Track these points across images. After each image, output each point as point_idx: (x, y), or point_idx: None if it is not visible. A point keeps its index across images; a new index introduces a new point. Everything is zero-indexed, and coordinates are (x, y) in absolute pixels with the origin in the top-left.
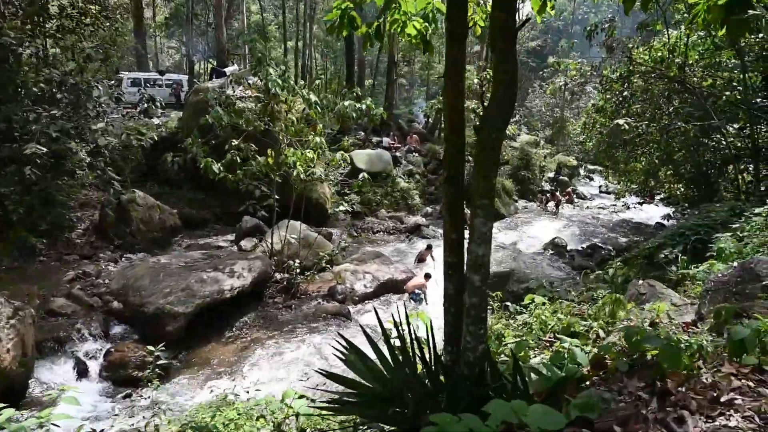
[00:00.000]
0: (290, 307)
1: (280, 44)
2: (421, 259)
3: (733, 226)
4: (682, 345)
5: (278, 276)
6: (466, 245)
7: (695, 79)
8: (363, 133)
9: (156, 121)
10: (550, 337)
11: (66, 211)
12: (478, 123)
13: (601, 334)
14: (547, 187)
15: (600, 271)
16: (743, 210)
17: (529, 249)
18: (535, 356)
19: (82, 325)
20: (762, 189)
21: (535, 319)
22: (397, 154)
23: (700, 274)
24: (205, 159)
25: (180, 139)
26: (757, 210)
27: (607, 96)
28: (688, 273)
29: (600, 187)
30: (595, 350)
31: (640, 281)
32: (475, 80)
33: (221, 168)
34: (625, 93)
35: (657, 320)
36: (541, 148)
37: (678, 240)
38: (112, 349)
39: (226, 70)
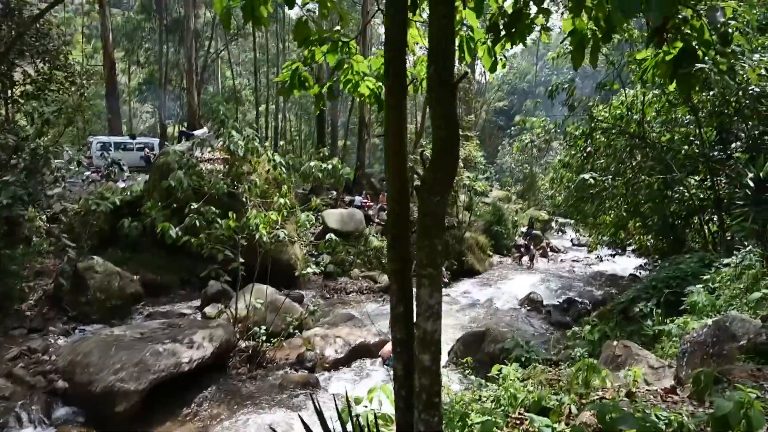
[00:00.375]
0: (255, 378)
1: (254, 107)
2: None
3: (704, 277)
4: (661, 423)
5: (243, 344)
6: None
7: (654, 134)
8: (335, 193)
9: (121, 184)
10: (520, 413)
11: (18, 281)
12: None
13: (574, 409)
14: (520, 241)
15: (577, 328)
16: (712, 261)
17: (505, 305)
18: None
19: (21, 408)
20: (728, 238)
21: (503, 391)
22: (370, 212)
23: (675, 329)
24: (162, 223)
25: (144, 203)
26: (725, 261)
27: (572, 152)
28: (664, 329)
29: (572, 240)
30: (568, 430)
31: (615, 342)
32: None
33: (179, 232)
34: (588, 149)
35: (634, 387)
36: (513, 203)
37: (651, 293)
38: None
39: (195, 132)
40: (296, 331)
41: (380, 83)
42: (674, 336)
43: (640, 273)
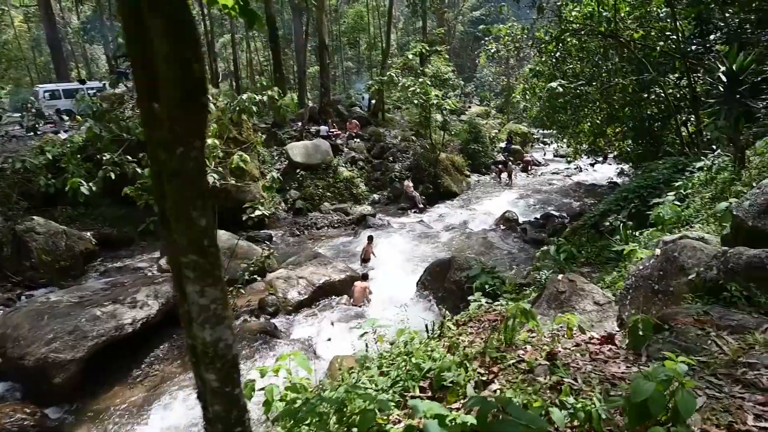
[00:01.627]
0: None
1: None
2: (365, 258)
3: (676, 184)
4: (563, 413)
5: None
6: None
7: (628, 32)
8: (299, 124)
9: (63, 135)
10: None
11: None
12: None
13: (470, 391)
14: (499, 157)
15: (545, 248)
16: (686, 165)
17: (480, 226)
18: None
19: None
20: (705, 139)
21: (403, 360)
22: (338, 141)
23: (638, 249)
24: (71, 180)
25: (90, 153)
26: (698, 164)
27: (543, 59)
28: (627, 248)
29: (554, 151)
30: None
31: (560, 276)
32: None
33: (93, 187)
34: (558, 54)
35: (564, 338)
36: (491, 118)
37: (621, 205)
38: None
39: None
40: (255, 276)
41: None
42: (637, 255)
43: (620, 179)
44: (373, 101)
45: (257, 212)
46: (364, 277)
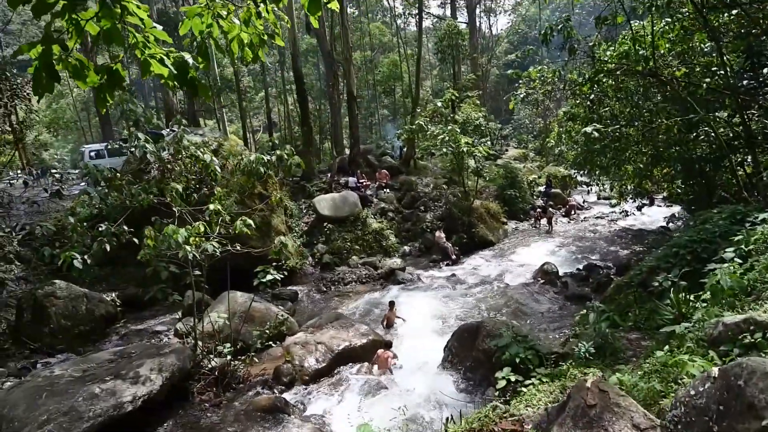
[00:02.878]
0: (220, 405)
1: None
2: (388, 323)
3: (735, 238)
4: None
5: (212, 364)
6: None
7: (669, 69)
8: (329, 176)
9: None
10: None
11: None
12: None
13: None
14: (538, 202)
15: (585, 312)
16: (746, 215)
17: (517, 280)
18: None
19: None
20: (764, 180)
21: None
22: (368, 192)
23: (692, 328)
24: (65, 253)
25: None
26: (761, 216)
27: (577, 101)
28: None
29: (597, 194)
30: None
31: (588, 383)
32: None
33: (88, 260)
34: (592, 96)
35: None
36: (530, 161)
37: (672, 262)
38: None
39: (163, 132)
40: (270, 342)
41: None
42: (687, 370)
43: (671, 224)
44: (405, 149)
45: (269, 276)
46: (388, 345)
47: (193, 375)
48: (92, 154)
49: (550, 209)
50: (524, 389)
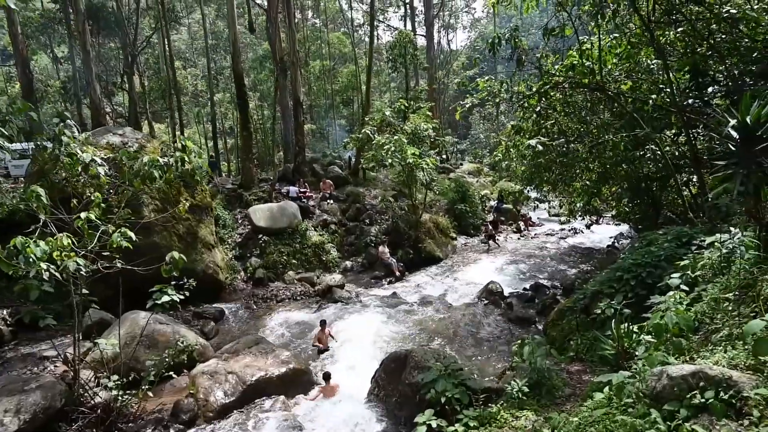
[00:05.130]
0: None
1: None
2: (320, 347)
3: (682, 263)
4: None
5: (99, 398)
6: None
7: (615, 85)
8: (268, 185)
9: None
10: None
11: None
12: None
13: None
14: (489, 218)
15: (516, 348)
16: (692, 237)
17: (461, 300)
18: None
19: None
20: (710, 201)
21: None
22: (310, 203)
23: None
24: None
25: (17, 219)
26: (708, 239)
27: (525, 114)
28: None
29: (549, 211)
30: None
31: None
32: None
33: None
34: (539, 108)
35: None
36: (483, 176)
37: (615, 287)
38: None
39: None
40: (171, 373)
41: None
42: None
43: (618, 243)
44: (354, 160)
45: (165, 298)
46: (326, 377)
47: (69, 414)
48: (16, 154)
49: (500, 225)
50: None
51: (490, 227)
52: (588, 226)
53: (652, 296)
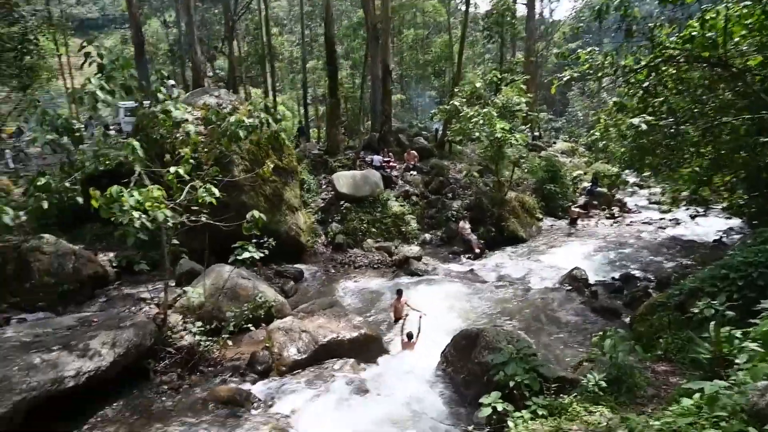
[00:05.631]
0: (178, 390)
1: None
2: (396, 315)
3: None
4: None
5: (184, 341)
6: None
7: (741, 59)
8: (353, 153)
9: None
10: None
11: None
12: None
13: None
14: (581, 200)
15: (604, 333)
16: None
17: (542, 283)
18: None
19: None
20: None
21: None
22: (393, 173)
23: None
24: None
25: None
26: None
27: (629, 91)
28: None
29: (649, 198)
30: None
31: None
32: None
33: (19, 214)
34: (647, 84)
35: None
36: (578, 156)
37: (719, 286)
38: None
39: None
40: (249, 326)
41: None
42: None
43: (726, 239)
44: (440, 132)
45: (245, 254)
46: (409, 336)
47: (157, 353)
48: (127, 112)
49: (592, 209)
50: (511, 424)
51: (575, 210)
52: (693, 217)
53: (762, 300)
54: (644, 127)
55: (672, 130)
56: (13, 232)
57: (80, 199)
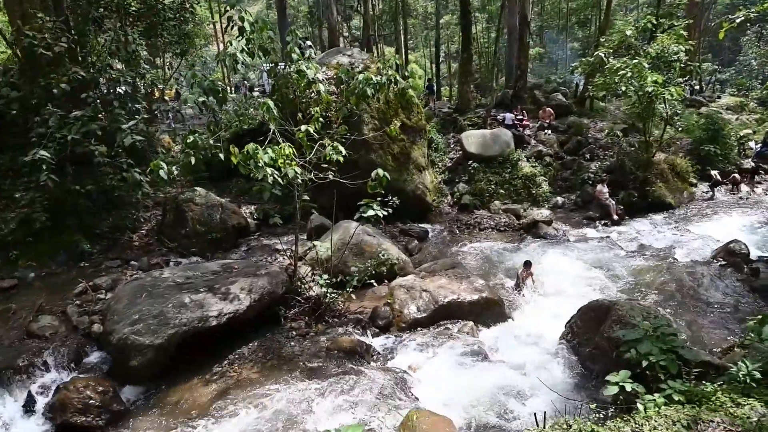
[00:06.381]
0: (306, 336)
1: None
2: (517, 284)
3: None
4: None
5: (312, 292)
6: None
7: None
8: (484, 111)
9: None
10: None
11: (130, 212)
12: None
13: None
14: (748, 164)
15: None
16: None
17: (690, 256)
18: None
19: (53, 351)
20: None
21: None
22: (526, 132)
23: None
24: (154, 162)
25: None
26: None
27: None
28: None
29: None
30: None
31: None
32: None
33: (175, 170)
34: None
35: None
36: (747, 112)
37: None
38: (62, 385)
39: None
40: (372, 281)
41: None
42: None
43: None
44: (582, 87)
45: (370, 212)
46: (527, 265)
47: (288, 301)
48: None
49: (761, 174)
50: (641, 406)
51: (744, 175)
52: None
53: None
54: None
55: None
56: (173, 185)
57: (222, 156)
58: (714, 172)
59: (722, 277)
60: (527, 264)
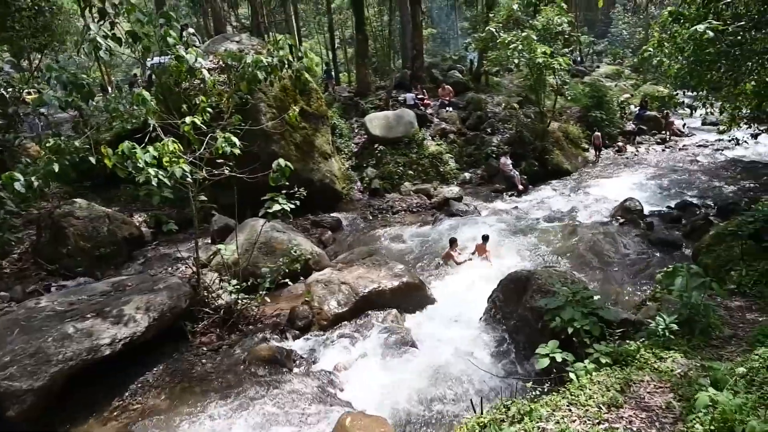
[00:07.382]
0: (218, 350)
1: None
2: (445, 258)
3: None
4: None
5: (221, 300)
6: None
7: None
8: (384, 92)
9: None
10: None
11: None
12: None
13: None
14: (629, 126)
15: (670, 268)
16: None
17: (592, 217)
18: None
19: None
20: None
21: None
22: (428, 111)
23: None
24: (6, 174)
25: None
26: None
27: None
28: None
29: (702, 118)
30: None
31: None
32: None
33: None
34: None
35: None
36: (624, 79)
37: None
38: None
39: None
40: (287, 280)
41: None
42: None
43: None
44: (476, 63)
45: (276, 207)
46: (485, 238)
47: (195, 314)
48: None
49: (641, 135)
50: (573, 376)
51: (599, 137)
52: (754, 136)
53: None
54: (711, 34)
55: (738, 38)
56: (47, 198)
57: (93, 159)
58: (597, 134)
59: (623, 235)
60: (452, 241)
